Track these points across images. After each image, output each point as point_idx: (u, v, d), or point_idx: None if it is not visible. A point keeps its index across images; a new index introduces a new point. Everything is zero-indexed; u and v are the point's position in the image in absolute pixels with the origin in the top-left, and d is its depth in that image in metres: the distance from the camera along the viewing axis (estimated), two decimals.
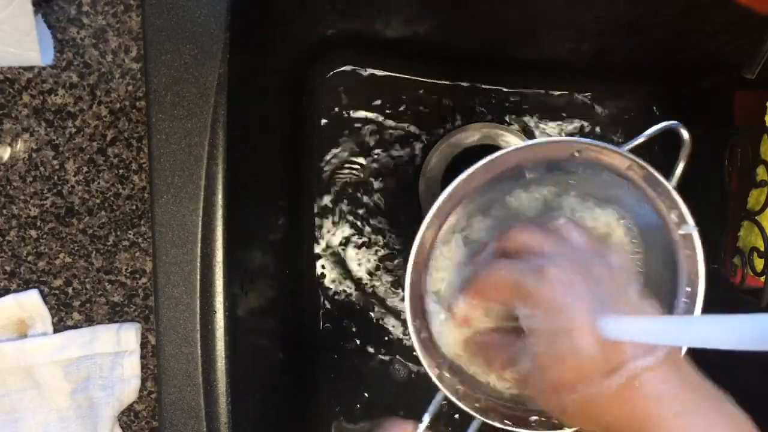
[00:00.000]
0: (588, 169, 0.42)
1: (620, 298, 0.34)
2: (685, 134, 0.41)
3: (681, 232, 0.41)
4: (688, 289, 0.41)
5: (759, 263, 0.49)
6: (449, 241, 0.43)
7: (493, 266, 0.38)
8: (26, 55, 0.43)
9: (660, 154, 0.42)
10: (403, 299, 0.62)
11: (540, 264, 0.35)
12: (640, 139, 0.41)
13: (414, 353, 0.42)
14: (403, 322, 0.63)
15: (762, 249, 0.48)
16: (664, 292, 0.42)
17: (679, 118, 0.41)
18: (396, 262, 0.64)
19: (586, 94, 0.64)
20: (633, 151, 0.40)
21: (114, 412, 0.47)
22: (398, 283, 0.64)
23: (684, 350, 0.37)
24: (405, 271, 0.41)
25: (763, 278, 0.48)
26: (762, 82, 0.44)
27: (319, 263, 0.63)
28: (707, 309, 0.40)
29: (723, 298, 0.33)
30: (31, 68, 0.45)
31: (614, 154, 0.40)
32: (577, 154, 0.40)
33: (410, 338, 0.42)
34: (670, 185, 0.40)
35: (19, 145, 0.46)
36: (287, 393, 0.61)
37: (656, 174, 0.40)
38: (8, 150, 0.46)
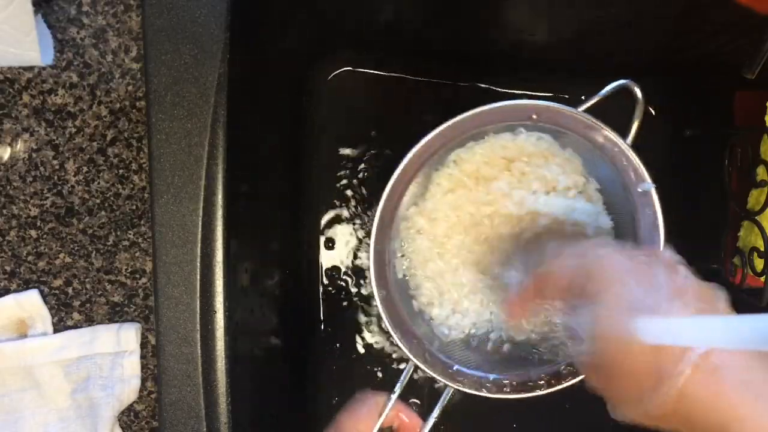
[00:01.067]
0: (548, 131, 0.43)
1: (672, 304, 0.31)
2: (638, 92, 0.42)
3: (639, 189, 0.41)
4: (650, 244, 0.42)
5: (759, 263, 0.49)
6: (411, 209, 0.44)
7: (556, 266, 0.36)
8: (26, 55, 0.43)
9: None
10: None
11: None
12: (595, 99, 0.42)
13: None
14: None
15: (762, 249, 0.48)
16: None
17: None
18: None
19: (586, 93, 0.64)
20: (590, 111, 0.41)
21: (114, 412, 0.47)
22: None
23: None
24: (369, 241, 0.42)
25: (763, 278, 0.48)
26: (762, 82, 0.44)
27: (319, 262, 0.63)
28: None
29: None
30: (31, 68, 0.45)
31: (572, 116, 0.41)
32: (535, 117, 0.41)
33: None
34: (626, 144, 0.41)
35: (19, 145, 0.46)
36: (287, 393, 0.61)
37: (611, 133, 0.41)
38: (8, 150, 0.46)
